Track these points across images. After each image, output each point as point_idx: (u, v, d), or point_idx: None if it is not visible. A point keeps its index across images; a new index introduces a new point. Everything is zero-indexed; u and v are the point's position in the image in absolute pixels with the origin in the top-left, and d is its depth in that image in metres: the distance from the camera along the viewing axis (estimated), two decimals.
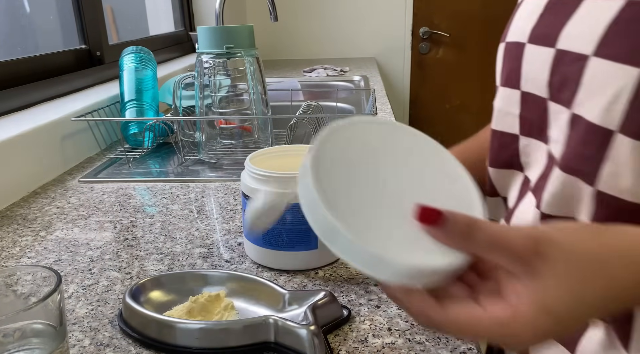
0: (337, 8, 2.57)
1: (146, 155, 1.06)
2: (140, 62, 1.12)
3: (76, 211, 0.79)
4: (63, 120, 0.97)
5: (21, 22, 1.31)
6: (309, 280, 0.57)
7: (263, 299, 0.51)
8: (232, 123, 1.02)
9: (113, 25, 1.71)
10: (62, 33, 1.40)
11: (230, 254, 0.64)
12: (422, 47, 2.62)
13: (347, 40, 2.62)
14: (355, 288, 0.56)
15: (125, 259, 0.63)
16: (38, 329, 0.39)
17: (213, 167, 0.97)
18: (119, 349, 0.47)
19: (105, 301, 0.55)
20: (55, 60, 1.19)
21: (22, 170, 0.86)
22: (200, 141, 0.99)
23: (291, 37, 2.63)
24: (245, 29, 0.94)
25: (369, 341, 0.47)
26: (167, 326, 0.46)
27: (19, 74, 1.05)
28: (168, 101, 1.25)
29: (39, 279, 0.41)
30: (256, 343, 0.45)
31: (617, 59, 0.34)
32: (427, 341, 0.47)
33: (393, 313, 0.51)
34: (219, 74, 0.98)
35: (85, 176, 0.93)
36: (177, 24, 2.08)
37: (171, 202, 0.81)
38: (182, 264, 0.62)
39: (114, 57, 1.37)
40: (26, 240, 0.69)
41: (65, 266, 0.62)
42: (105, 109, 1.10)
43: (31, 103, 1.05)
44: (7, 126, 0.89)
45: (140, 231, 0.71)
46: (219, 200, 0.82)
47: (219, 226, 0.72)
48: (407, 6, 2.55)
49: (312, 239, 0.57)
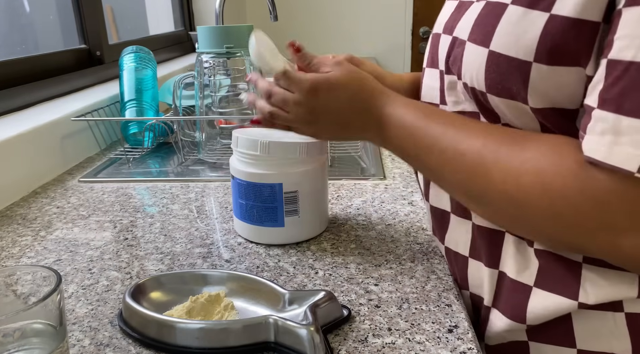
0: (337, 8, 2.57)
1: (146, 155, 1.06)
2: (140, 62, 1.12)
3: (76, 210, 0.79)
4: (63, 120, 0.97)
5: (21, 22, 1.31)
6: (309, 280, 0.57)
7: (263, 299, 0.51)
8: (232, 123, 1.02)
9: (113, 25, 1.71)
10: (62, 33, 1.40)
11: (230, 254, 0.64)
12: (422, 47, 2.62)
13: (347, 40, 2.62)
14: (355, 287, 0.56)
15: (125, 259, 0.63)
16: (38, 329, 0.39)
17: (213, 167, 0.97)
18: (118, 349, 0.47)
19: (105, 300, 0.55)
20: (55, 60, 1.19)
21: (22, 170, 0.86)
22: (200, 141, 0.99)
23: (291, 36, 2.62)
24: (245, 28, 0.94)
25: (369, 341, 0.47)
26: (167, 326, 0.46)
27: (18, 73, 1.05)
28: (168, 101, 1.25)
29: (38, 279, 0.41)
30: (256, 342, 0.45)
31: (477, 43, 0.48)
32: (427, 341, 0.47)
33: (393, 312, 0.51)
34: (219, 74, 0.98)
35: (85, 175, 0.93)
36: (177, 23, 2.08)
37: (171, 202, 0.81)
38: (182, 264, 0.62)
39: (114, 56, 1.37)
40: (26, 240, 0.69)
41: (65, 265, 0.62)
42: (105, 109, 1.10)
43: (31, 103, 1.05)
44: (7, 126, 0.89)
45: (140, 231, 0.71)
46: (219, 200, 0.82)
47: (219, 225, 0.72)
48: (407, 6, 2.55)
49: (279, 218, 0.64)
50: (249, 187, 0.63)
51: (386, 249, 0.64)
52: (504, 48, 0.45)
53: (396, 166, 0.94)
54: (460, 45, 0.51)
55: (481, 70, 0.47)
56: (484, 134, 0.48)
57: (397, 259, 0.61)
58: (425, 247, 0.64)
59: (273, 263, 0.61)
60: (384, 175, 0.89)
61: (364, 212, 0.75)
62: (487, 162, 0.46)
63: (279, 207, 0.63)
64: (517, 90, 0.45)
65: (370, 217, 0.73)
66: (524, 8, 0.44)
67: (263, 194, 0.63)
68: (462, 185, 0.49)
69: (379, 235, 0.68)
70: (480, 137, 0.47)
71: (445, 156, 0.49)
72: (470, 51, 0.48)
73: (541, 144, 0.44)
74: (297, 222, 0.65)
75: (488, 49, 0.46)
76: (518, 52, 0.44)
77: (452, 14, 0.55)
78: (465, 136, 0.48)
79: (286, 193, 0.63)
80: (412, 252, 0.63)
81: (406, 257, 0.62)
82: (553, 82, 0.43)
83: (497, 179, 0.45)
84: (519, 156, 0.44)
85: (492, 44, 0.46)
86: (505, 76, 0.45)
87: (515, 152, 0.45)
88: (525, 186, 0.43)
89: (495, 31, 0.46)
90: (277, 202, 0.63)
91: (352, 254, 0.63)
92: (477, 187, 0.47)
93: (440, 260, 0.61)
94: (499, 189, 0.45)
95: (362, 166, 0.95)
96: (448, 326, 0.49)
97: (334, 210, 0.76)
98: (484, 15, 0.48)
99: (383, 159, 0.97)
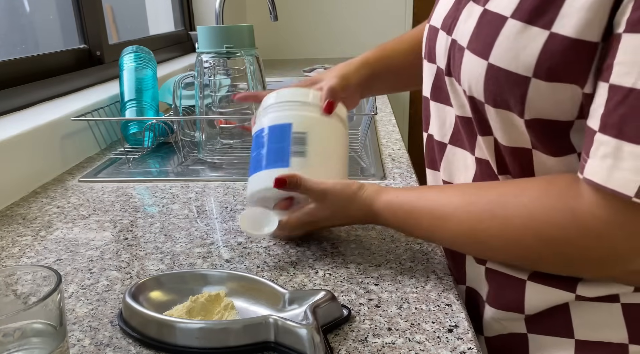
0: (337, 7, 2.57)
1: (146, 155, 1.06)
2: (140, 62, 1.12)
3: (76, 210, 0.79)
4: (63, 120, 0.97)
5: (21, 22, 1.31)
6: (309, 280, 0.57)
7: (263, 299, 0.51)
8: (232, 123, 1.02)
9: (113, 24, 1.71)
10: (62, 33, 1.39)
11: (230, 253, 0.64)
12: None
13: (347, 39, 2.62)
14: (355, 287, 0.56)
15: (125, 258, 0.63)
16: (38, 328, 0.39)
17: (213, 166, 0.97)
18: (119, 348, 0.47)
19: (105, 300, 0.55)
20: (55, 60, 1.19)
21: (22, 169, 0.86)
22: (200, 141, 0.99)
23: (291, 36, 2.63)
24: (245, 28, 0.94)
25: (369, 341, 0.47)
26: (167, 326, 0.46)
27: (18, 73, 1.05)
28: (168, 101, 1.25)
29: (39, 278, 0.41)
30: (256, 342, 0.45)
31: (476, 53, 0.48)
32: (427, 340, 0.47)
33: (393, 312, 0.51)
34: (219, 74, 0.98)
35: (85, 175, 0.93)
36: (177, 23, 2.08)
37: (171, 202, 0.81)
38: (182, 264, 0.62)
39: (114, 56, 1.37)
40: (26, 240, 0.69)
41: (65, 265, 0.62)
42: (105, 109, 1.10)
43: (31, 103, 1.05)
44: (7, 126, 0.89)
45: (140, 231, 0.71)
46: (219, 200, 0.82)
47: (219, 225, 0.72)
48: (407, 5, 2.55)
49: (285, 157, 0.65)
50: (265, 134, 0.66)
51: (386, 249, 0.64)
52: (503, 62, 0.45)
53: (396, 166, 0.94)
54: (460, 51, 0.51)
55: (480, 80, 0.48)
56: (466, 213, 0.50)
57: (397, 259, 0.61)
58: (425, 247, 0.64)
59: (273, 263, 0.61)
60: (384, 175, 0.89)
61: None
62: (480, 239, 0.49)
63: (286, 146, 0.63)
64: (514, 103, 0.46)
65: None
66: (523, 23, 0.44)
67: (275, 135, 0.65)
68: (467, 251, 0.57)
69: (379, 235, 0.68)
70: (461, 215, 0.50)
71: (454, 235, 0.52)
72: (469, 60, 0.49)
73: (531, 191, 0.47)
74: (303, 164, 0.63)
75: (487, 62, 0.47)
76: (517, 67, 0.44)
77: (450, 11, 0.55)
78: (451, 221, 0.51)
79: (295, 132, 0.64)
80: (412, 252, 0.63)
81: (406, 257, 0.62)
82: (550, 97, 0.44)
83: (499, 247, 0.49)
84: (510, 222, 0.47)
85: (491, 57, 0.46)
86: (503, 89, 0.46)
87: (502, 217, 0.47)
88: (529, 248, 0.46)
89: (495, 44, 0.46)
90: (285, 142, 0.64)
91: (352, 254, 0.63)
92: (483, 254, 0.55)
93: (440, 260, 0.61)
94: (503, 256, 0.50)
95: (362, 166, 0.95)
96: (448, 325, 0.49)
97: None
98: (483, 25, 0.48)
99: (383, 159, 0.97)
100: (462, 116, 0.55)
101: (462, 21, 0.51)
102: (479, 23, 0.48)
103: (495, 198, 0.48)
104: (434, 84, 0.60)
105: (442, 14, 0.56)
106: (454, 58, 0.52)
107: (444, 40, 0.55)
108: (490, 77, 0.47)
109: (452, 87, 0.55)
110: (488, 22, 0.47)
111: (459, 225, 0.50)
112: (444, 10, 0.57)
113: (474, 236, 0.49)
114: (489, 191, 0.49)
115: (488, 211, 0.48)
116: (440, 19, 0.57)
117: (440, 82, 0.58)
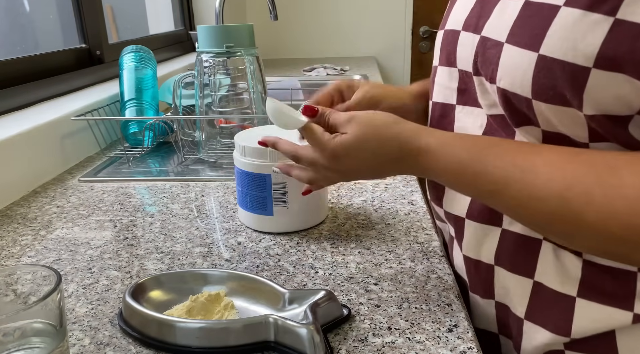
0: (337, 7, 2.57)
1: (146, 154, 1.06)
2: (140, 61, 1.12)
3: (76, 210, 0.79)
4: (63, 119, 0.97)
5: (21, 21, 1.31)
6: (309, 279, 0.57)
7: (263, 299, 0.51)
8: (232, 122, 1.02)
9: (113, 24, 1.71)
10: (62, 32, 1.39)
11: (230, 253, 0.64)
12: (423, 46, 2.62)
13: (347, 39, 2.62)
14: (355, 287, 0.56)
15: (125, 258, 0.63)
16: (38, 328, 0.39)
17: (213, 166, 0.97)
18: (119, 348, 0.47)
19: (105, 300, 0.55)
20: (55, 60, 1.19)
21: (22, 169, 0.86)
22: (200, 140, 0.99)
23: (291, 36, 2.63)
24: (245, 28, 0.94)
25: (368, 340, 0.47)
26: (167, 325, 0.46)
27: (18, 73, 1.05)
28: (168, 100, 1.25)
29: (39, 278, 0.41)
30: (256, 342, 0.45)
31: (521, 46, 0.45)
32: (427, 340, 0.47)
33: (393, 312, 0.51)
34: (219, 73, 0.98)
35: (85, 175, 0.93)
36: (177, 23, 2.08)
37: (171, 202, 0.81)
38: (182, 264, 0.62)
39: (114, 56, 1.37)
40: (26, 239, 0.69)
41: (65, 265, 0.62)
42: (105, 108, 1.10)
43: (31, 102, 1.05)
44: (7, 125, 0.89)
45: (140, 230, 0.71)
46: (219, 199, 0.82)
47: (219, 225, 0.72)
48: (407, 5, 2.55)
49: (269, 207, 0.68)
50: (244, 176, 0.68)
51: (386, 249, 0.64)
52: (559, 53, 0.42)
53: None
54: (495, 46, 0.48)
55: (527, 75, 0.44)
56: (560, 170, 0.43)
57: (397, 259, 0.61)
58: (425, 247, 0.64)
59: (273, 263, 0.61)
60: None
61: (364, 211, 0.75)
62: (574, 207, 0.41)
63: (268, 197, 0.67)
64: (570, 96, 0.43)
65: (370, 217, 0.73)
66: (582, 10, 0.41)
67: (255, 183, 0.67)
68: (540, 227, 0.45)
69: (379, 234, 0.68)
70: (557, 175, 0.43)
71: (517, 202, 0.45)
72: (511, 54, 0.46)
73: (636, 170, 0.40)
74: (285, 212, 0.68)
75: (537, 54, 0.43)
76: (576, 57, 0.41)
77: (473, 10, 0.53)
78: (538, 176, 0.43)
79: (275, 184, 0.66)
80: (412, 252, 0.63)
81: (406, 257, 0.62)
82: (610, 89, 0.41)
83: (593, 221, 0.41)
84: (615, 192, 0.40)
85: (543, 48, 0.43)
86: (558, 82, 0.43)
87: (608, 187, 0.40)
88: (634, 227, 0.39)
89: (547, 34, 0.43)
90: (267, 191, 0.67)
91: (352, 254, 0.63)
92: (562, 229, 0.43)
93: (440, 260, 0.61)
94: (595, 230, 0.41)
95: None
96: (448, 325, 0.49)
97: (334, 209, 0.76)
98: (528, 17, 0.45)
99: None
100: (494, 115, 0.52)
101: (496, 17, 0.49)
102: (521, 15, 0.45)
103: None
104: (459, 88, 0.57)
105: (463, 16, 0.54)
106: (485, 55, 0.49)
107: (470, 39, 0.52)
108: (541, 69, 0.43)
109: (482, 87, 0.52)
110: (534, 13, 0.44)
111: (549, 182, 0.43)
112: (463, 12, 0.55)
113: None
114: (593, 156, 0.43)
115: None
116: (461, 21, 0.55)
117: (466, 84, 0.55)
